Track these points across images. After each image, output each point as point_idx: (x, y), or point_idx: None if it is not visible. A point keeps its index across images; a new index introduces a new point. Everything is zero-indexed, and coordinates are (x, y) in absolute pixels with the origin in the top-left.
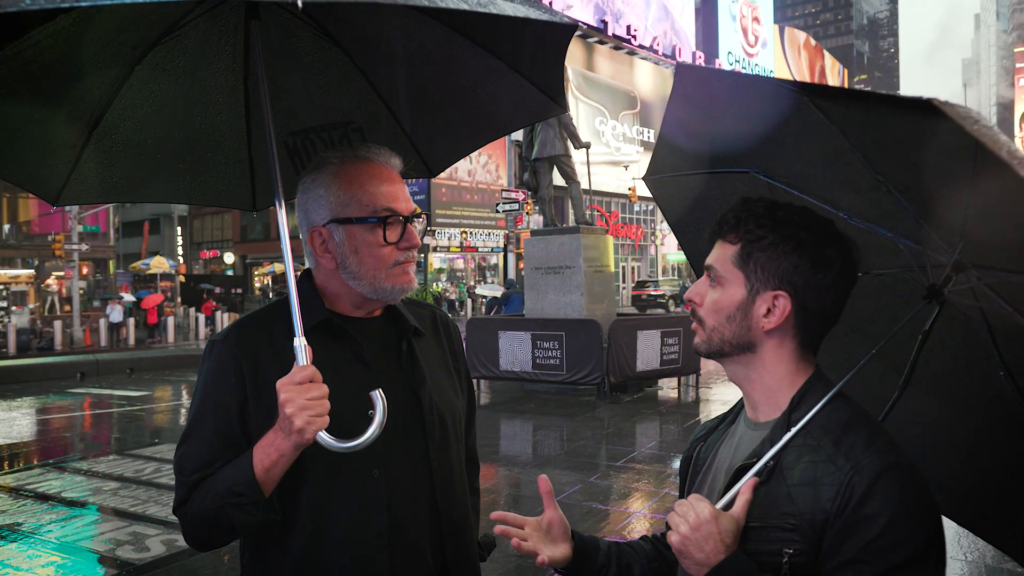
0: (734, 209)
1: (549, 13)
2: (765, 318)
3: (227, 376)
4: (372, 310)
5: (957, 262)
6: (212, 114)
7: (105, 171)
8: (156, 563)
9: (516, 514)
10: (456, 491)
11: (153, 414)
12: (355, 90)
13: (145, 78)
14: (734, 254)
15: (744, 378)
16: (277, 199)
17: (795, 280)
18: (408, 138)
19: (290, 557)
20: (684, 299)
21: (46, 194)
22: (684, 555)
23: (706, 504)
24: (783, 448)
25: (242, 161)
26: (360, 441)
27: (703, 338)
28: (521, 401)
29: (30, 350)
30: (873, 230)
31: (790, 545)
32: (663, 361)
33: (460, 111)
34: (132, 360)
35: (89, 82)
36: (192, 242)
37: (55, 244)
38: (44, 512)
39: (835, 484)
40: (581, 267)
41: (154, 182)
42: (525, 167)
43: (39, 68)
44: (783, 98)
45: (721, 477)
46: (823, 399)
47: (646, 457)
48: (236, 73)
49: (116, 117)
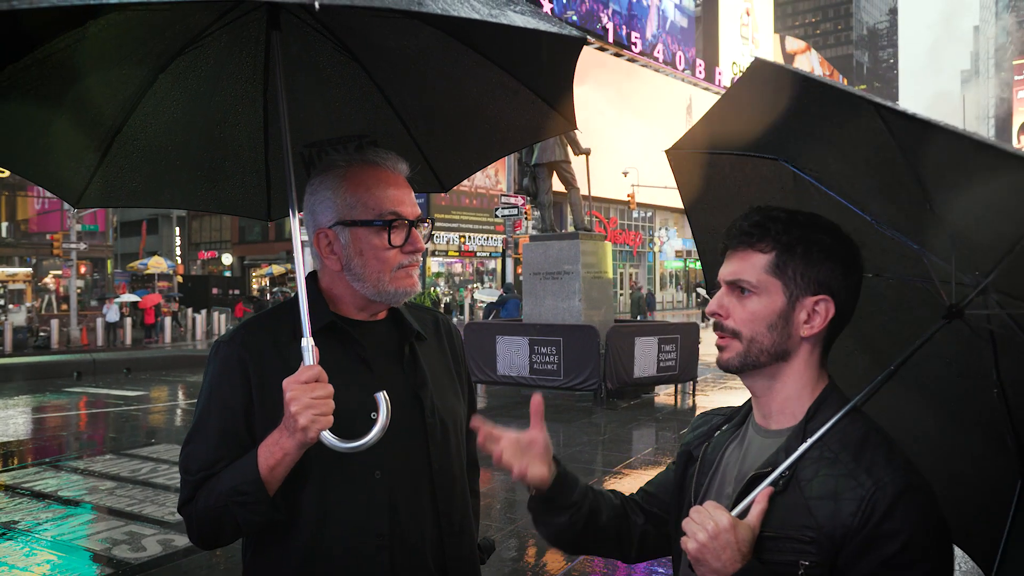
0: (752, 220)
1: (558, 26)
2: (806, 324)
3: (233, 376)
4: (375, 313)
5: (984, 286)
6: (231, 124)
7: (126, 175)
8: (152, 563)
9: (498, 427)
10: (456, 493)
11: (149, 414)
12: (371, 104)
13: (168, 86)
14: (768, 263)
15: (766, 389)
16: (291, 209)
17: (832, 284)
18: (422, 153)
19: (292, 556)
20: (707, 313)
21: (68, 196)
22: (701, 563)
23: (724, 513)
24: (799, 459)
25: (259, 171)
26: (363, 442)
27: (738, 351)
28: (518, 406)
29: (26, 348)
30: (899, 239)
31: (806, 557)
32: (660, 368)
33: (473, 126)
34: (129, 360)
35: (114, 88)
36: (190, 242)
37: (54, 243)
38: (40, 511)
39: (856, 499)
40: (579, 273)
41: (173, 188)
42: (525, 172)
43: (67, 72)
44: (849, 103)
45: (730, 482)
46: (839, 412)
47: (642, 463)
48: (256, 84)
49: (139, 123)
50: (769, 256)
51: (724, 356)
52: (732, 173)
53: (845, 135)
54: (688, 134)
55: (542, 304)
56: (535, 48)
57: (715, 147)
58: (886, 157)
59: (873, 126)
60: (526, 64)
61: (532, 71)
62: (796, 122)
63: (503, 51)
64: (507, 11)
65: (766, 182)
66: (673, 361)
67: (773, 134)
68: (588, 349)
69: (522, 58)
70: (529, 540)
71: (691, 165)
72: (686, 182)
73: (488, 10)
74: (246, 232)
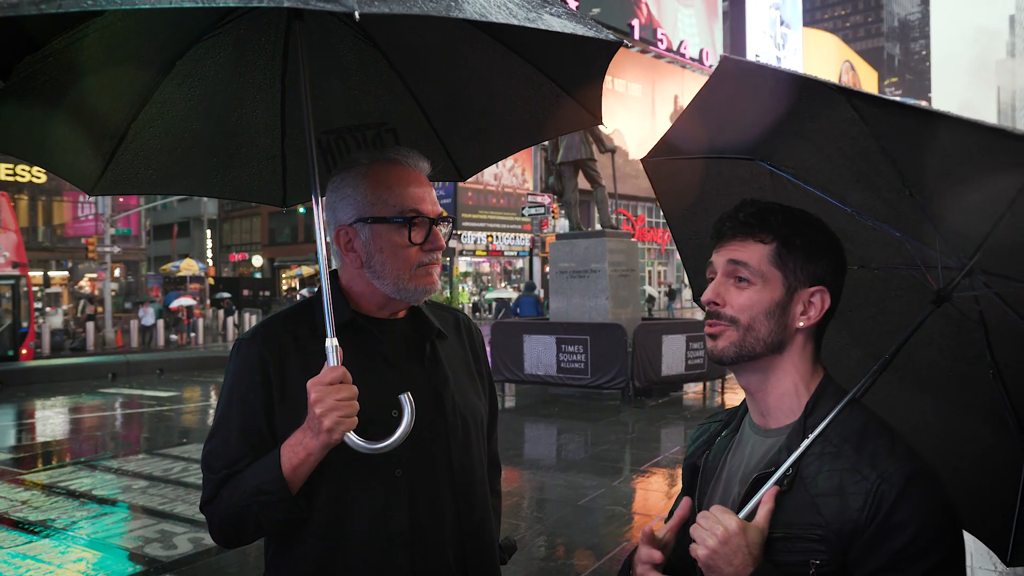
0: (749, 211)
1: (595, 29)
2: (802, 315)
3: (254, 374)
4: (396, 311)
5: (971, 268)
6: (248, 110)
7: (141, 163)
8: (183, 560)
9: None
10: (477, 493)
11: (182, 414)
12: (390, 92)
13: (185, 73)
14: (770, 253)
15: (761, 383)
16: (314, 193)
17: (826, 278)
18: (440, 141)
19: (314, 554)
20: (703, 301)
21: (83, 184)
22: (712, 569)
23: (732, 516)
24: (801, 456)
25: (275, 157)
26: (387, 443)
27: (734, 339)
28: (545, 405)
29: (63, 351)
30: (880, 228)
31: (817, 556)
32: (688, 366)
33: (494, 117)
34: (162, 361)
35: (131, 76)
36: (221, 245)
37: (88, 246)
38: (76, 509)
39: (862, 493)
40: (606, 271)
41: (187, 175)
42: (551, 171)
43: (85, 61)
44: (819, 94)
45: (735, 487)
46: (837, 405)
47: (670, 462)
48: (274, 71)
49: (155, 111)
50: (770, 247)
51: (719, 344)
52: (709, 177)
53: (819, 128)
54: (661, 141)
55: (569, 302)
56: (567, 47)
57: (689, 152)
58: (861, 146)
59: (846, 116)
60: (556, 61)
61: (561, 68)
62: (769, 119)
63: (532, 47)
64: (544, 14)
65: (744, 183)
66: (701, 359)
67: (746, 133)
68: (615, 347)
69: (552, 56)
70: (558, 539)
71: (668, 173)
72: (665, 190)
73: (525, 13)
74: (276, 234)
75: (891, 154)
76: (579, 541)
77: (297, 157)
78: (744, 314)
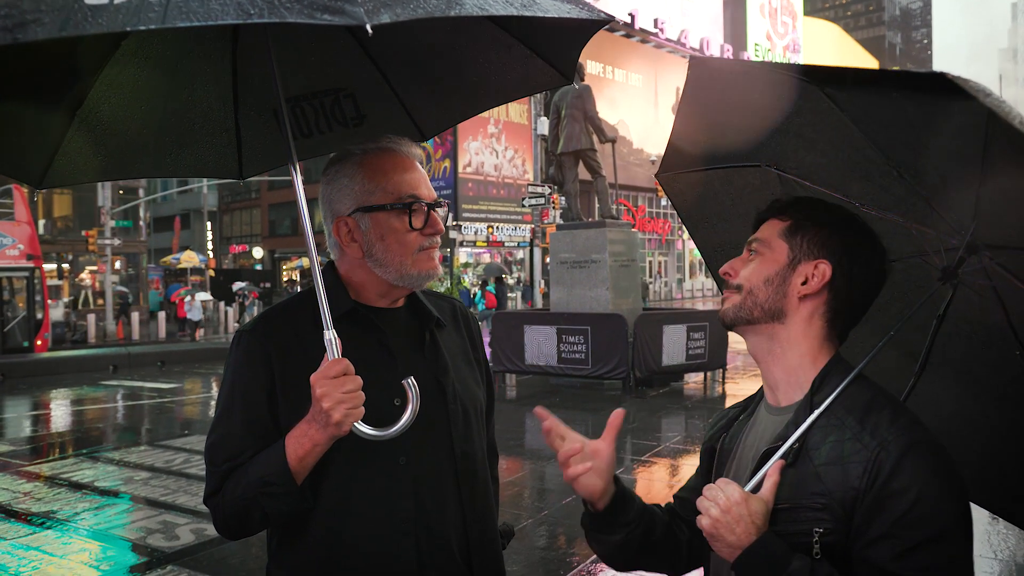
0: (791, 199)
1: (588, 11)
2: (803, 286)
3: (255, 366)
4: (396, 299)
5: (970, 243)
6: (199, 85)
7: (90, 150)
8: (185, 551)
9: (564, 426)
10: (479, 480)
11: (183, 406)
12: (346, 55)
13: (131, 53)
14: (783, 228)
15: (767, 352)
16: (291, 163)
17: (838, 251)
18: (400, 101)
19: (318, 543)
20: (719, 273)
21: (29, 178)
22: (716, 538)
23: (735, 487)
24: (808, 429)
25: (228, 131)
26: (394, 429)
27: (735, 302)
28: (546, 395)
29: (64, 343)
30: (885, 216)
31: (820, 524)
32: (689, 356)
33: (459, 78)
34: (162, 353)
35: (72, 62)
36: (222, 237)
37: (89, 239)
38: (78, 500)
39: (862, 461)
40: (607, 261)
41: (140, 158)
42: (551, 161)
43: (18, 51)
44: (792, 87)
45: (747, 464)
46: (844, 380)
47: (671, 452)
48: (224, 43)
49: (100, 95)
50: (786, 223)
51: (723, 307)
52: (723, 187)
53: (805, 122)
54: (667, 152)
55: (570, 292)
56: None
57: (696, 164)
58: (845, 135)
59: (822, 106)
60: (530, 27)
61: (536, 32)
62: (757, 118)
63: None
64: None
65: (757, 191)
66: (702, 349)
67: (742, 136)
68: (616, 337)
69: (531, 27)
70: (559, 529)
71: (682, 186)
72: (682, 203)
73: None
74: (276, 226)
75: (871, 137)
76: (580, 531)
77: (251, 129)
78: (746, 281)
